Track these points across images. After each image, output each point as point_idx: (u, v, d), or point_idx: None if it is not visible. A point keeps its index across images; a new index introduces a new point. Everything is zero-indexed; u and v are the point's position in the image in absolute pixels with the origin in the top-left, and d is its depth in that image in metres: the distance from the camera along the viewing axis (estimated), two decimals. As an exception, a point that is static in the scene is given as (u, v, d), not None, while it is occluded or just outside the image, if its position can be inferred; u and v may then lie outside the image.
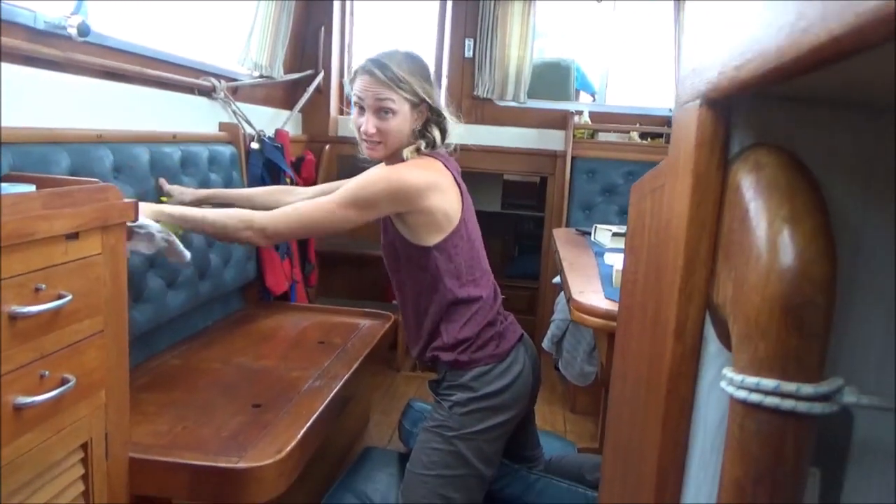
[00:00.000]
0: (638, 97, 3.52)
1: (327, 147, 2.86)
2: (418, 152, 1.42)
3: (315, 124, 2.92)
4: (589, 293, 1.33)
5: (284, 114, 2.66)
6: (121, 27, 1.76)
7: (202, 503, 1.24)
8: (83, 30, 1.49)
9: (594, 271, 1.58)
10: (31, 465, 0.95)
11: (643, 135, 3.10)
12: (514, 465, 1.70)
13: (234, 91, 2.24)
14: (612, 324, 1.21)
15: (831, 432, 0.31)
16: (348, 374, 1.67)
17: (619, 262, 1.49)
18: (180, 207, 1.42)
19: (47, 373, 0.96)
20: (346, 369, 1.70)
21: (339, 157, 2.93)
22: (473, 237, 1.45)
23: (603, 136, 3.15)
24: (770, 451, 0.27)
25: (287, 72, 2.62)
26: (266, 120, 2.45)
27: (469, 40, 3.13)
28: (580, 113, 3.09)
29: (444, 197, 1.39)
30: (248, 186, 2.17)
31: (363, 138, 1.42)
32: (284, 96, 2.72)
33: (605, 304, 1.25)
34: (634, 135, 3.09)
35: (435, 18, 2.99)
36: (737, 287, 0.30)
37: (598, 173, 2.99)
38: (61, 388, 0.97)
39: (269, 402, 1.47)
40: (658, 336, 0.37)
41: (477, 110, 3.21)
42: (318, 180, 2.75)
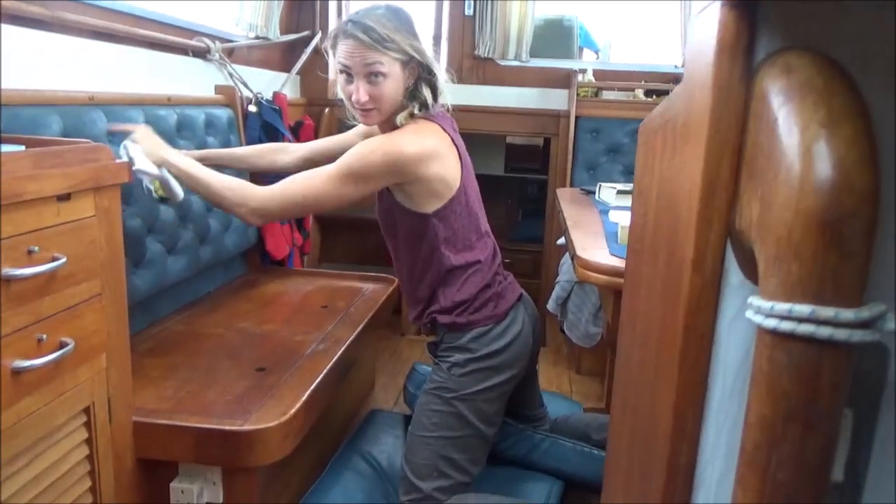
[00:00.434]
0: (643, 54, 3.44)
1: (326, 111, 2.81)
2: (412, 117, 1.35)
3: (313, 87, 2.86)
4: (594, 250, 1.31)
5: (282, 76, 2.60)
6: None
7: (208, 466, 1.23)
8: (70, -13, 1.44)
9: (599, 229, 1.55)
10: (33, 429, 0.94)
11: (648, 92, 3.03)
12: (518, 426, 1.70)
13: (229, 53, 2.18)
14: (618, 280, 1.19)
15: (865, 367, 0.29)
16: (352, 338, 1.66)
17: (625, 219, 1.46)
18: (187, 162, 1.33)
19: (45, 336, 0.94)
20: (350, 333, 1.69)
21: (339, 122, 2.88)
22: (472, 201, 1.42)
23: (607, 95, 3.08)
24: (803, 386, 0.25)
25: (283, 33, 2.56)
26: (264, 83, 2.39)
27: (469, -2, 3.04)
28: (583, 71, 3.02)
29: (443, 163, 1.34)
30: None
31: (356, 107, 1.33)
32: (282, 58, 2.66)
33: (610, 261, 1.23)
34: (639, 92, 3.02)
35: (434, -25, 2.90)
36: (764, 206, 0.27)
37: (602, 132, 2.93)
38: (60, 352, 0.96)
39: (273, 366, 1.46)
40: (673, 270, 0.34)
41: (478, 70, 3.14)
42: (318, 144, 2.70)
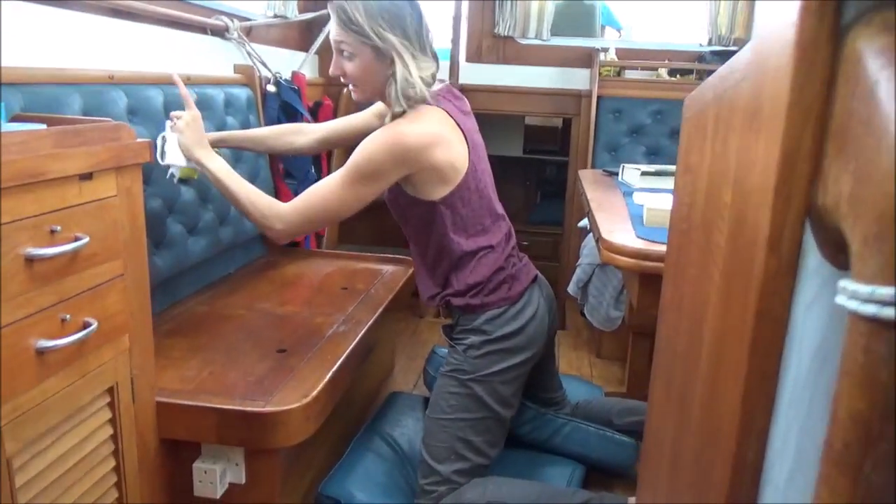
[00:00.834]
0: (666, 33, 3.36)
1: (345, 91, 2.78)
2: (405, 111, 1.31)
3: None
4: (619, 232, 1.28)
5: (300, 56, 2.57)
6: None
7: (230, 446, 1.23)
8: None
9: (623, 211, 1.52)
10: (58, 409, 0.94)
11: (672, 71, 2.96)
12: (539, 409, 1.69)
13: (248, 31, 2.16)
14: (645, 263, 1.16)
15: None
16: (372, 320, 1.65)
17: (650, 201, 1.43)
18: (220, 167, 1.37)
19: (68, 317, 0.94)
20: (370, 315, 1.68)
21: (357, 103, 2.85)
22: (483, 185, 1.39)
23: (630, 74, 3.02)
24: (906, 380, 0.22)
25: (301, 11, 2.52)
26: (282, 62, 2.37)
27: (490, -26, 2.99)
28: (606, 50, 2.96)
29: (449, 148, 1.32)
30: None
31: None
32: (300, 37, 2.63)
33: (637, 244, 1.20)
34: (663, 72, 2.96)
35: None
36: (860, 179, 0.24)
37: (624, 113, 2.88)
38: (84, 332, 0.96)
39: (294, 348, 1.46)
40: (741, 251, 0.31)
41: (497, 49, 3.09)
42: (337, 125, 2.67)
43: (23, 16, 1.30)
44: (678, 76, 2.95)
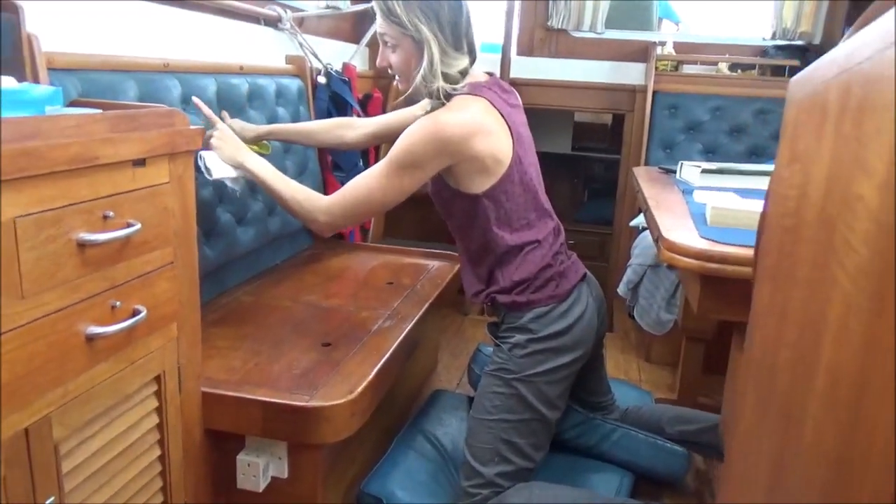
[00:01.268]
0: (727, 26, 3.23)
1: (394, 83, 2.76)
2: (447, 97, 1.31)
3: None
4: (680, 231, 1.21)
5: (351, 47, 2.56)
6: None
7: (274, 440, 1.22)
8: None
9: (683, 209, 1.45)
10: (105, 396, 0.94)
11: (733, 66, 2.85)
12: (587, 414, 1.63)
13: (300, 22, 2.15)
14: (708, 265, 1.10)
15: None
16: (418, 316, 1.62)
17: (715, 200, 1.35)
18: (262, 167, 1.38)
19: (118, 303, 0.93)
20: (416, 310, 1.65)
21: (404, 94, 2.82)
22: (528, 178, 1.35)
23: (688, 69, 2.91)
24: None
25: (353, 3, 2.51)
26: (333, 54, 2.36)
27: (544, -35, 2.92)
28: (663, 44, 2.86)
29: (491, 139, 1.29)
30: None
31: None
32: (351, 29, 2.62)
33: (700, 244, 1.13)
34: (723, 66, 2.85)
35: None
36: None
37: (681, 109, 2.77)
38: (133, 319, 0.95)
39: (339, 341, 1.44)
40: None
41: (550, 42, 3.03)
42: (385, 117, 2.65)
43: (80, 2, 1.30)
44: (739, 71, 2.83)
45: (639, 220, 2.56)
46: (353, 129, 1.70)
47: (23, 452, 0.80)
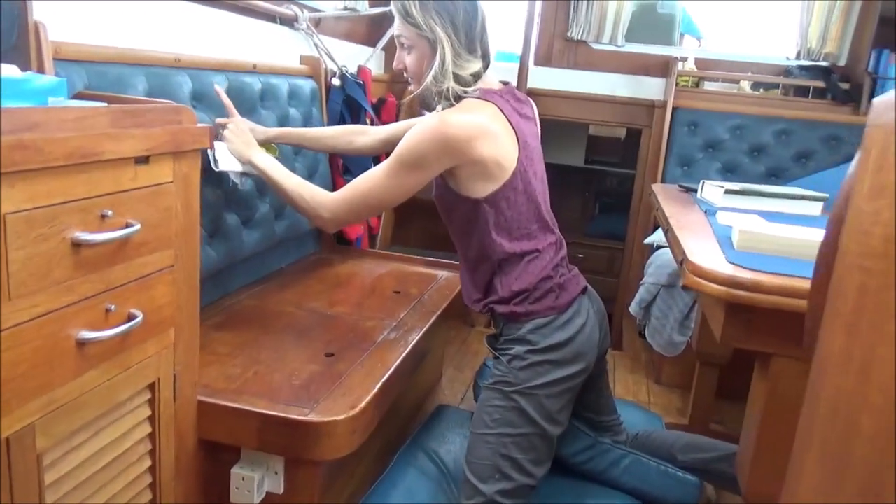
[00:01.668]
0: (750, 44, 3.17)
1: (409, 88, 2.71)
2: (457, 99, 1.30)
3: (395, 63, 2.77)
4: (706, 255, 1.16)
5: (367, 51, 2.52)
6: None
7: (270, 455, 1.17)
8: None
9: (707, 231, 1.39)
10: (95, 404, 0.89)
11: (755, 85, 2.79)
12: (596, 438, 1.57)
13: (316, 23, 2.12)
14: (736, 292, 1.04)
15: None
16: (425, 328, 1.57)
17: (742, 223, 1.29)
18: (269, 163, 1.42)
19: (113, 307, 0.88)
20: (423, 322, 1.60)
21: (417, 98, 2.78)
22: (532, 189, 1.33)
23: (709, 86, 2.86)
24: None
25: (372, 5, 2.47)
26: (348, 56, 2.32)
27: (566, -25, 2.87)
28: (684, 59, 2.81)
29: (496, 144, 1.26)
30: (328, 124, 2.07)
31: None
32: (368, 32, 2.58)
33: (728, 269, 1.07)
34: (745, 85, 2.79)
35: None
36: None
37: (700, 126, 2.72)
38: (128, 325, 0.90)
39: (343, 352, 1.39)
40: None
41: (569, 53, 2.98)
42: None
43: (93, -8, 1.27)
44: (762, 90, 2.78)
45: (654, 238, 2.50)
46: (366, 135, 1.67)
47: (2, 462, 0.75)
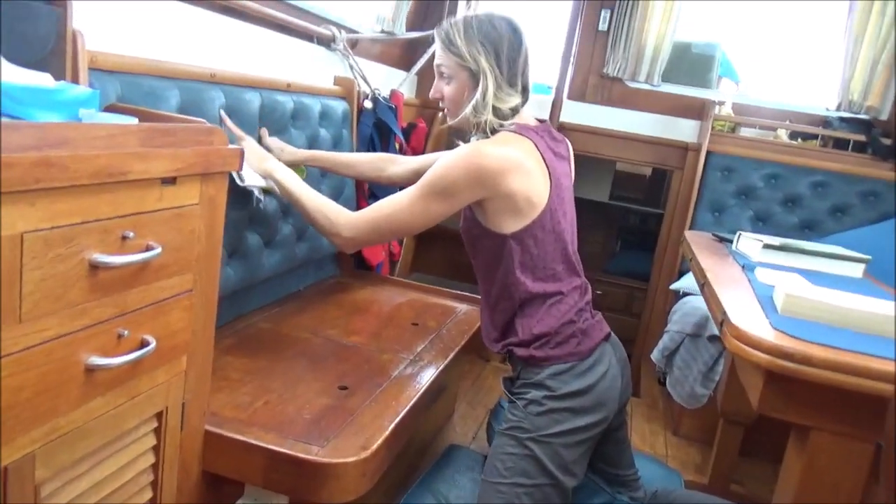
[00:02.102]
0: (790, 92, 3.12)
1: (440, 115, 2.69)
2: (493, 131, 1.29)
3: (430, 89, 2.75)
4: (748, 318, 1.09)
5: (400, 74, 2.50)
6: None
7: (275, 493, 1.11)
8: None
9: (746, 289, 1.33)
10: (100, 433, 0.85)
11: (793, 135, 2.73)
12: (614, 494, 1.50)
13: (353, 44, 2.10)
14: (781, 362, 0.98)
15: None
16: (443, 365, 1.51)
17: (787, 285, 1.22)
18: (287, 175, 1.39)
19: (126, 332, 0.84)
20: (440, 359, 1.55)
21: (450, 128, 2.75)
22: (560, 229, 1.29)
23: (745, 132, 2.80)
24: None
25: (409, 29, 2.46)
26: (380, 78, 2.30)
27: (606, 11, 2.85)
28: (722, 103, 2.76)
29: (529, 180, 1.24)
30: (357, 146, 2.04)
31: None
32: (402, 55, 2.56)
33: (773, 336, 1.01)
34: (782, 133, 2.73)
35: (572, -15, 2.72)
36: None
37: (734, 172, 2.66)
38: (140, 352, 0.86)
39: (357, 386, 1.34)
40: None
41: (603, 89, 2.95)
42: (427, 150, 2.58)
43: (133, 5, 1.25)
44: (799, 140, 2.72)
45: (681, 284, 2.43)
46: (396, 164, 1.65)
47: (-3, 494, 0.71)
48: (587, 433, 1.28)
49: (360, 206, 2.07)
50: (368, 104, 2.10)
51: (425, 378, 1.43)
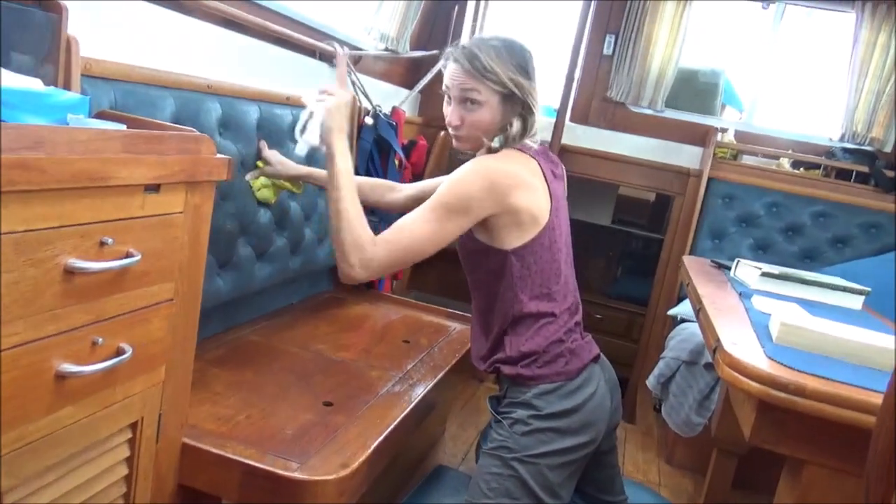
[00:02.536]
0: (793, 121, 3.12)
1: (441, 134, 2.69)
2: (501, 148, 1.28)
3: (432, 108, 2.76)
4: (744, 347, 1.07)
5: (403, 92, 2.51)
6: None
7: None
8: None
9: (742, 317, 1.31)
10: (69, 442, 0.83)
11: (796, 164, 2.72)
12: (602, 521, 1.46)
13: (356, 61, 2.11)
14: (774, 393, 0.96)
15: None
16: (431, 384, 1.49)
17: (783, 314, 1.20)
18: (346, 165, 1.26)
19: (101, 340, 0.83)
20: (430, 378, 1.53)
21: (451, 147, 2.76)
22: (557, 248, 1.29)
23: (747, 160, 2.80)
24: None
25: (413, 48, 2.47)
26: (383, 96, 2.30)
27: (610, 36, 2.86)
28: (725, 130, 2.76)
29: (533, 196, 1.25)
30: (357, 162, 2.04)
31: (449, 128, 1.31)
32: (405, 74, 2.58)
33: (766, 366, 0.99)
34: (784, 162, 2.72)
35: (577, 9, 2.73)
36: None
37: (736, 199, 2.65)
38: (115, 360, 0.85)
39: (342, 402, 1.32)
40: None
41: (606, 113, 2.95)
42: (428, 168, 2.58)
43: (128, 12, 1.25)
44: (802, 169, 2.70)
45: (678, 310, 2.41)
46: (395, 191, 1.63)
47: (-45, 503, 0.69)
48: (573, 454, 1.25)
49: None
50: (369, 120, 2.10)
51: (413, 396, 1.41)
